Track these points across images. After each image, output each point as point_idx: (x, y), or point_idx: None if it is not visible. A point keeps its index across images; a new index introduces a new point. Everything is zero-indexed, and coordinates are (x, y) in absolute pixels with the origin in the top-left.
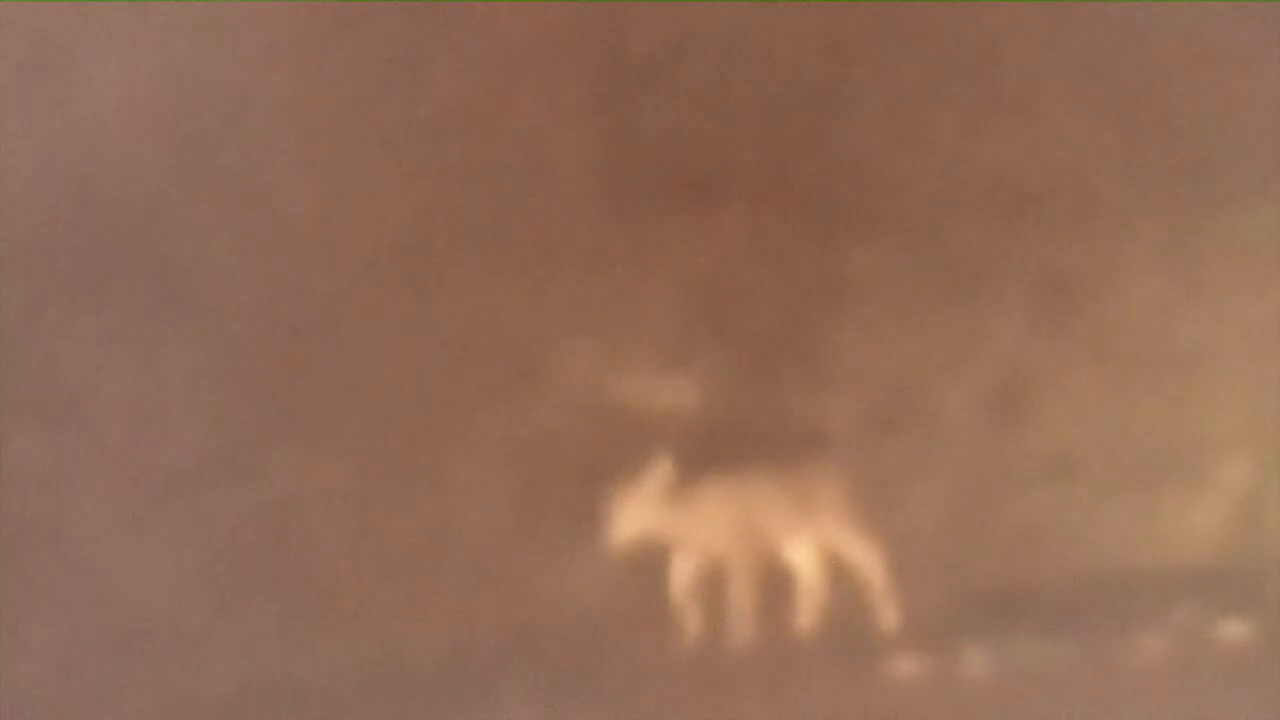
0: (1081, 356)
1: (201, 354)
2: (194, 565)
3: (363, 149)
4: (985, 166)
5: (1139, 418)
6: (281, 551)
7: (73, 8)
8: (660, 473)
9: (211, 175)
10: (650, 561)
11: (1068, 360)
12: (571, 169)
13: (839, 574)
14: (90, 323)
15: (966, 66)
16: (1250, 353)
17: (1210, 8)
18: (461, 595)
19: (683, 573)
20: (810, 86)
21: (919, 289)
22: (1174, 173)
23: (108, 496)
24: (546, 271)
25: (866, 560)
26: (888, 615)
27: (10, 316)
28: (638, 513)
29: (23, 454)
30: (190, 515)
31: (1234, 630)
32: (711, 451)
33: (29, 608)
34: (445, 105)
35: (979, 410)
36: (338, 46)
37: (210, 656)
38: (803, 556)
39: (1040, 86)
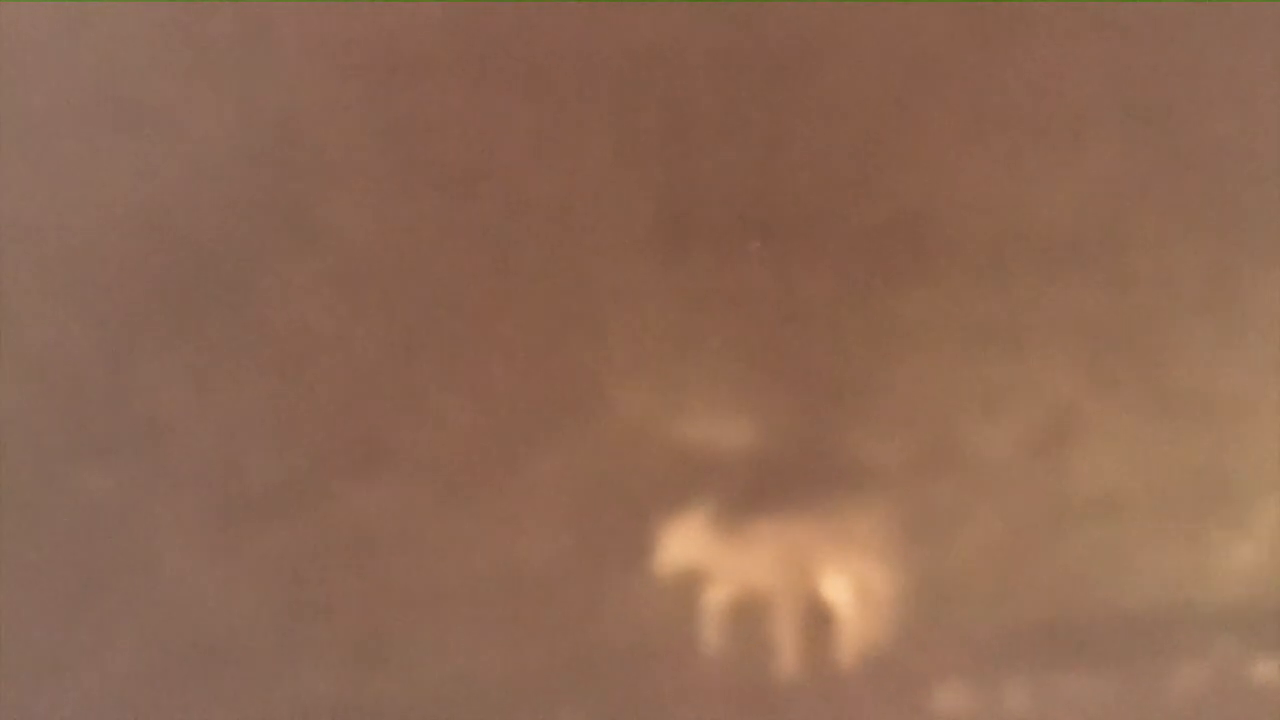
0: (1125, 400)
1: (274, 389)
2: (265, 592)
3: (430, 191)
4: (1032, 213)
5: (1180, 460)
6: (351, 579)
7: (155, 55)
8: (710, 507)
9: (283, 217)
10: (700, 594)
11: (1111, 403)
12: (633, 213)
13: (883, 610)
14: (164, 359)
15: (1015, 114)
16: None
17: (1261, 55)
18: (522, 624)
19: (727, 606)
20: (864, 137)
21: (968, 333)
22: (1217, 217)
23: (182, 527)
24: (607, 312)
25: (911, 596)
26: (932, 651)
27: (87, 353)
28: (687, 546)
29: (101, 486)
30: (262, 544)
31: (1273, 668)
32: (761, 489)
33: (105, 634)
34: (512, 151)
35: (1024, 451)
36: (407, 93)
37: (279, 681)
38: (848, 593)
39: (1086, 132)
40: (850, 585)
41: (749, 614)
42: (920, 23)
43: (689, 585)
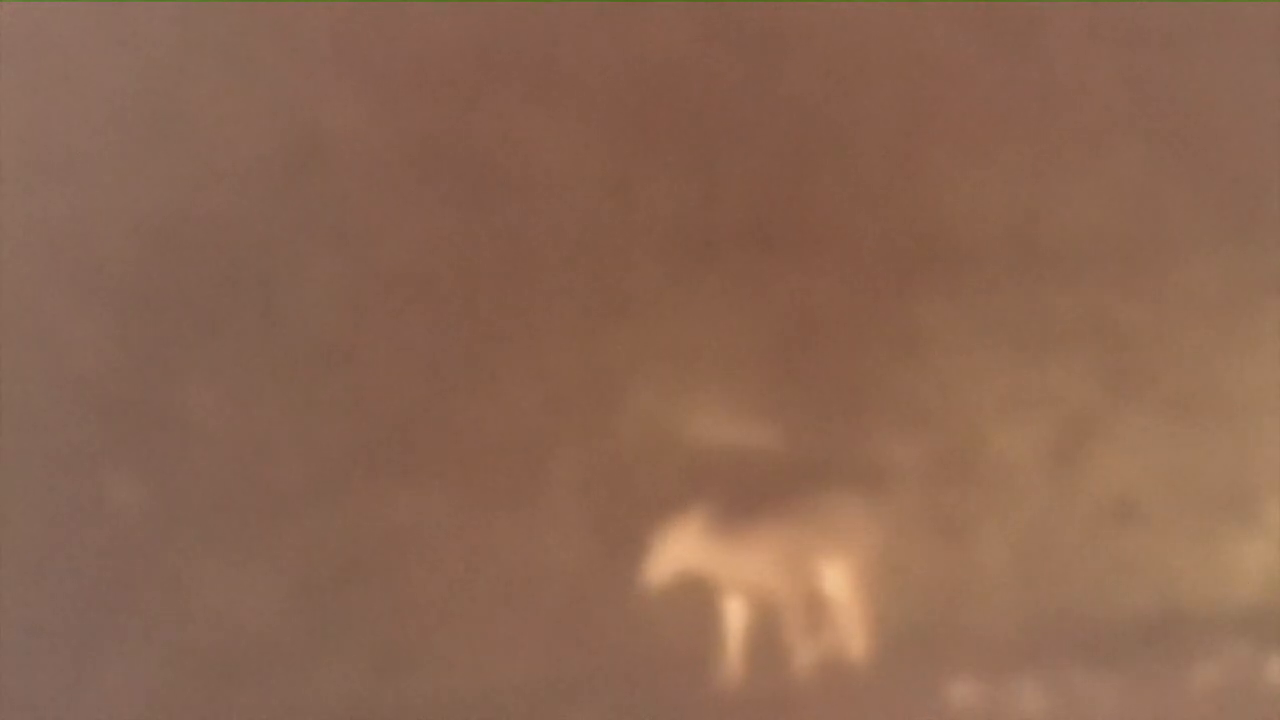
0: (1141, 405)
1: (298, 398)
2: (293, 594)
3: (455, 201)
4: (1049, 222)
5: (1196, 464)
6: (374, 585)
7: (185, 62)
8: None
9: (310, 226)
10: (721, 598)
11: (1128, 409)
12: (656, 223)
13: (902, 611)
14: (191, 367)
15: (1033, 125)
16: None
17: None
18: (543, 629)
19: (748, 609)
20: (884, 146)
21: (986, 339)
22: (1233, 225)
23: (208, 534)
24: (631, 321)
25: (929, 597)
26: (949, 651)
27: (114, 361)
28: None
29: (128, 494)
30: (286, 551)
31: None
32: (784, 494)
33: (137, 635)
34: (536, 162)
35: (1041, 455)
36: (433, 105)
37: (303, 685)
38: (867, 594)
39: (1103, 143)
40: (869, 586)
41: (770, 616)
42: (940, 37)
43: (710, 590)
